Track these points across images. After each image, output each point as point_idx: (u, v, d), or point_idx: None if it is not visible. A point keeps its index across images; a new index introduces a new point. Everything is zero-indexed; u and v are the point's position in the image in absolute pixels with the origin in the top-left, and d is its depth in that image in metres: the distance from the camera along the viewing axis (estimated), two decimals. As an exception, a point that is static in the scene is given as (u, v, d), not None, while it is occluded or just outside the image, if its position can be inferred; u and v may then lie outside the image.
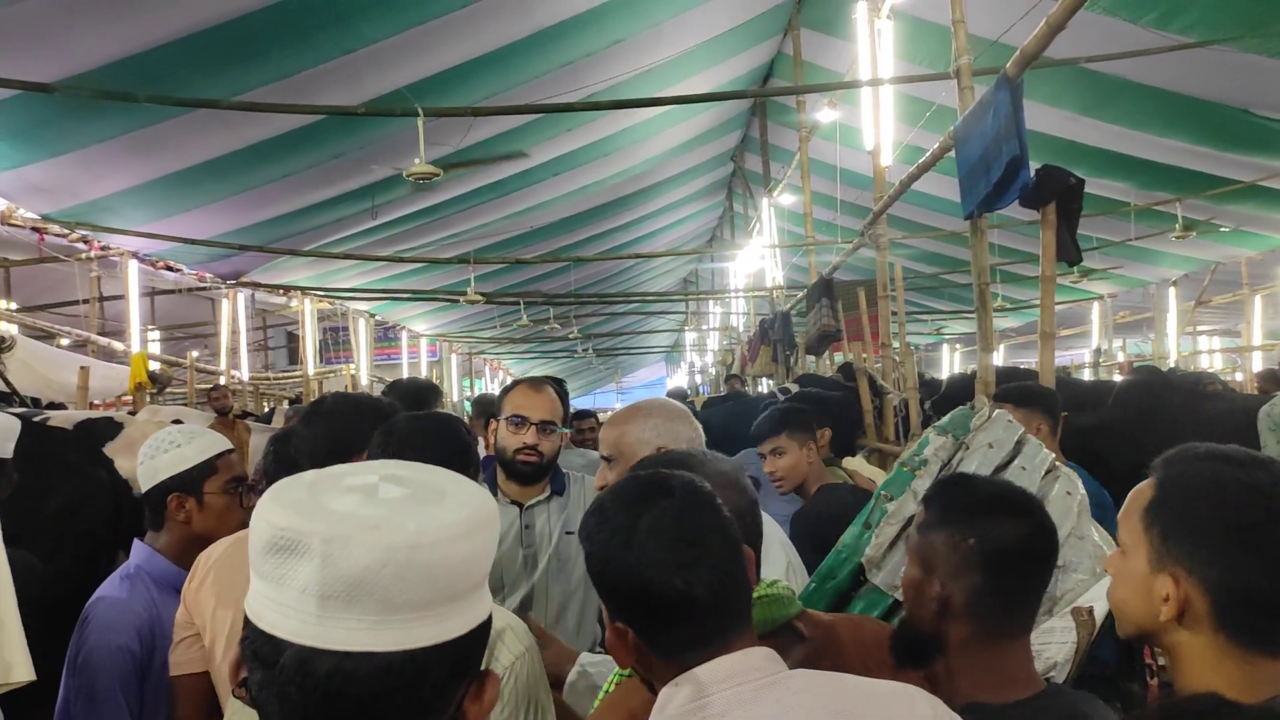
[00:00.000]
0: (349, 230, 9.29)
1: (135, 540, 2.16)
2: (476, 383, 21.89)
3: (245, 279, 9.99)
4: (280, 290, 11.02)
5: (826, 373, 7.06)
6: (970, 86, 3.80)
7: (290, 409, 7.27)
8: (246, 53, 5.56)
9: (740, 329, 15.03)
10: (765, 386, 10.09)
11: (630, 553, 1.09)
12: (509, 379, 7.84)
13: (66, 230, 7.14)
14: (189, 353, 9.46)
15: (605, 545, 1.13)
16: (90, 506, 3.07)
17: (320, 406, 2.23)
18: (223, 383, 8.80)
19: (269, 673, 0.76)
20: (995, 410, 2.14)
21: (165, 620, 2.01)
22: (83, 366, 6.25)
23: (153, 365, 7.78)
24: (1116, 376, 9.66)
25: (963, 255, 11.32)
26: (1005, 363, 12.82)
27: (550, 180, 9.99)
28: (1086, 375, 12.00)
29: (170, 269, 8.82)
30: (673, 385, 22.36)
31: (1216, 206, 8.58)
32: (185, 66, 5.40)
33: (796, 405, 3.48)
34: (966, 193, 3.35)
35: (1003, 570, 1.39)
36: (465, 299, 10.40)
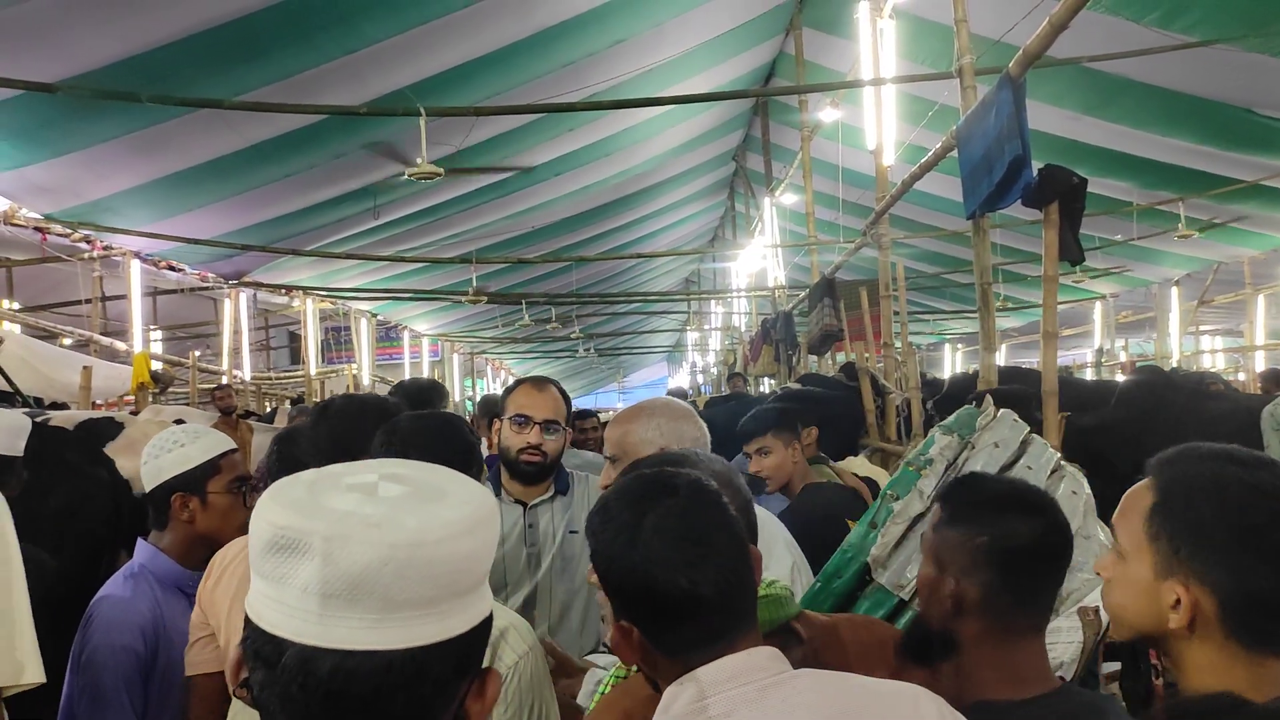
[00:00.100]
0: (351, 230, 9.30)
1: (139, 539, 2.15)
2: (478, 383, 21.90)
3: (247, 279, 10.00)
4: (282, 290, 11.04)
5: (829, 372, 7.05)
6: (973, 86, 3.80)
7: (293, 409, 7.27)
8: (249, 52, 5.57)
9: (742, 329, 15.01)
10: (767, 386, 10.08)
11: (635, 551, 1.09)
12: (511, 379, 7.84)
13: (69, 230, 7.16)
14: (191, 352, 9.46)
15: (610, 543, 1.12)
16: (90, 506, 3.07)
17: (328, 408, 2.24)
18: (225, 382, 8.80)
19: (270, 672, 0.76)
20: (1000, 410, 2.14)
21: (169, 620, 2.01)
22: (85, 366, 6.26)
23: (155, 365, 7.80)
24: (1119, 376, 9.65)
25: (965, 255, 11.31)
26: (1007, 362, 12.78)
27: (552, 180, 9.98)
28: (1089, 375, 11.98)
29: (173, 269, 8.84)
30: (674, 385, 22.31)
31: (1219, 206, 8.58)
32: (188, 66, 5.41)
33: (781, 405, 3.49)
34: (969, 192, 3.35)
35: (1016, 567, 1.39)
36: (467, 299, 10.41)
